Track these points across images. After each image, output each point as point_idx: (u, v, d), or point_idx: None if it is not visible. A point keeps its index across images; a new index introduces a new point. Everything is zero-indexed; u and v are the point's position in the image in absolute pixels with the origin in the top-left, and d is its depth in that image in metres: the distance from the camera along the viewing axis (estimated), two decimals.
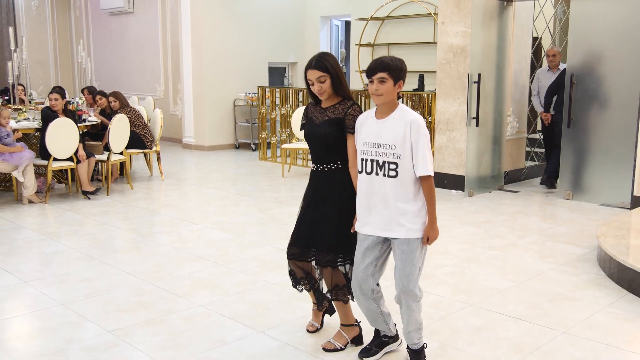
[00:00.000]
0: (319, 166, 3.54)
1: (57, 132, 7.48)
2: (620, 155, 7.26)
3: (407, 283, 3.24)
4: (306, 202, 3.64)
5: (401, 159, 3.17)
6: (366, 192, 3.29)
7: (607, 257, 4.92)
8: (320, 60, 3.43)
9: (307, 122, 3.61)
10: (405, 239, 3.22)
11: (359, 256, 3.36)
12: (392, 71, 3.16)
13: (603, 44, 7.32)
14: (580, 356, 3.56)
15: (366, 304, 3.40)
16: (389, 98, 3.20)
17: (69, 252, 5.61)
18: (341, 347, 3.64)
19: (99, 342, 3.75)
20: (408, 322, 3.35)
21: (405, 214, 3.21)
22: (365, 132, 3.28)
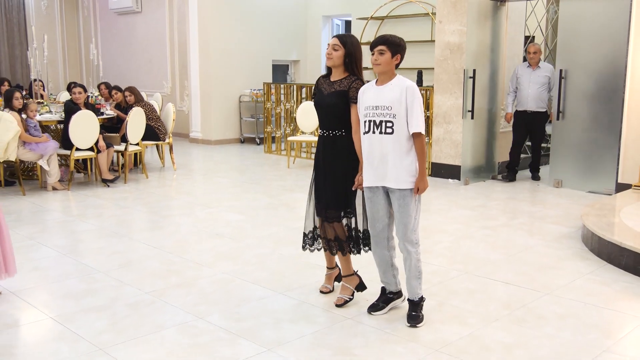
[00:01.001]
0: (325, 132, 4.10)
1: (79, 124, 7.99)
2: (606, 145, 7.78)
3: (405, 230, 3.80)
4: (317, 165, 4.20)
5: (396, 118, 3.71)
6: (368, 150, 3.84)
7: (589, 233, 5.45)
8: (343, 35, 4.04)
9: (317, 92, 4.16)
10: (400, 192, 3.76)
11: (370, 209, 3.91)
12: (390, 45, 3.73)
13: (590, 42, 7.84)
14: (560, 311, 4.10)
15: (380, 252, 3.95)
16: (387, 68, 3.76)
17: (98, 231, 6.13)
18: (350, 298, 4.19)
19: (139, 300, 4.28)
20: (409, 269, 3.88)
21: (400, 166, 3.75)
22: (366, 98, 3.83)
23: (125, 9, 15.03)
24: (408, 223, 3.80)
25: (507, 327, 3.85)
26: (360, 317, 3.98)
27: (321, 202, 4.14)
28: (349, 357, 3.43)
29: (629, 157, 7.38)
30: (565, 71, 8.03)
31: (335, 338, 3.68)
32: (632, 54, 7.26)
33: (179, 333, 3.75)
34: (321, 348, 3.55)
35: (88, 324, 3.87)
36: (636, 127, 7.27)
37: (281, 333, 3.75)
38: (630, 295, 4.45)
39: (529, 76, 8.44)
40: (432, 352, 3.50)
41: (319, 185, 4.16)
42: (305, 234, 4.36)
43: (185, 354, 3.47)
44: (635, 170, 7.28)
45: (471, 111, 8.28)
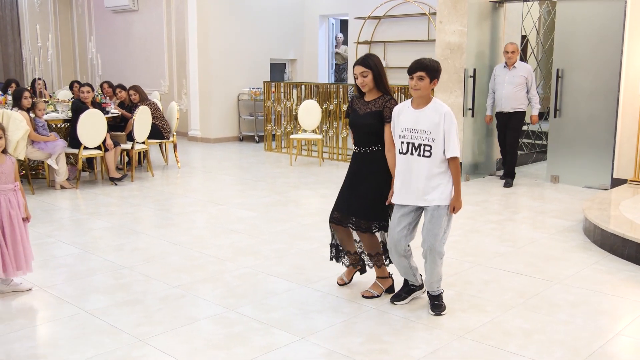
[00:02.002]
0: (361, 149, 4.29)
1: (87, 123, 8.13)
2: (601, 142, 8.04)
3: (434, 241, 3.99)
4: (349, 177, 4.37)
5: (435, 142, 3.91)
6: (404, 169, 4.03)
7: (592, 226, 5.69)
8: (365, 59, 4.21)
9: (352, 112, 4.34)
10: (436, 206, 3.96)
11: (395, 221, 4.10)
12: (429, 71, 3.91)
13: (586, 42, 8.10)
14: (572, 299, 4.33)
15: (399, 260, 4.16)
16: (425, 92, 3.96)
17: (115, 228, 6.29)
18: (378, 295, 4.39)
19: (169, 294, 4.46)
20: (431, 275, 4.09)
21: (436, 186, 3.96)
22: (403, 120, 4.01)
23: (121, 7, 15.12)
24: (437, 234, 3.99)
25: (524, 314, 4.07)
26: (385, 307, 4.19)
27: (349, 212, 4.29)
28: (379, 344, 3.64)
29: (623, 153, 7.65)
30: (561, 70, 8.28)
31: (363, 326, 3.89)
32: (626, 54, 7.52)
33: (213, 324, 3.94)
34: (352, 336, 3.75)
35: (124, 317, 4.05)
36: (630, 125, 7.53)
37: (311, 323, 3.94)
38: (634, 283, 4.70)
39: (505, 76, 8.30)
40: (457, 338, 3.71)
41: (350, 195, 4.31)
42: (332, 244, 4.54)
43: (222, 343, 3.66)
44: (630, 166, 7.55)
45: (471, 109, 8.52)
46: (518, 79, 8.21)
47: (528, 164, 10.05)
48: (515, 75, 8.22)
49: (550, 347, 3.59)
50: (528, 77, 8.24)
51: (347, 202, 4.32)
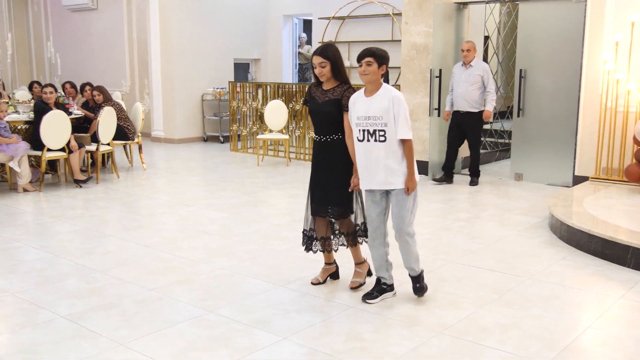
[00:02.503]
0: (322, 137, 4.38)
1: (51, 124, 7.98)
2: (563, 140, 8.24)
3: (402, 223, 4.15)
4: (314, 168, 4.47)
5: (387, 126, 4.05)
6: (364, 156, 4.16)
7: (558, 223, 5.84)
8: (323, 49, 4.31)
9: (311, 101, 4.44)
10: (399, 189, 4.11)
11: (370, 210, 4.25)
12: (377, 57, 4.07)
13: (548, 44, 8.29)
14: (544, 294, 4.45)
15: (378, 248, 4.29)
16: (374, 78, 4.09)
17: (83, 231, 6.20)
18: (363, 282, 4.56)
19: (145, 297, 4.43)
20: (408, 255, 4.24)
21: (396, 170, 4.09)
22: (357, 108, 4.15)
23: (79, 5, 14.86)
24: (404, 217, 4.14)
25: (499, 309, 4.17)
26: (363, 306, 4.24)
27: (322, 202, 4.39)
28: (360, 342, 3.68)
29: (584, 151, 7.85)
30: (524, 71, 8.46)
31: (343, 325, 3.93)
32: (587, 56, 7.71)
33: (193, 326, 3.93)
34: (332, 335, 3.79)
35: (101, 321, 4.01)
36: (591, 124, 7.73)
37: (292, 323, 3.97)
38: (602, 277, 4.84)
39: (461, 75, 8.17)
40: (436, 334, 3.78)
41: (319, 186, 4.40)
42: (304, 232, 4.60)
43: (205, 345, 3.66)
44: (591, 164, 7.75)
45: (437, 109, 8.64)
46: (474, 78, 8.09)
47: (491, 162, 10.23)
48: (471, 74, 8.10)
49: (527, 341, 3.69)
50: (484, 76, 8.11)
51: (320, 193, 4.41)
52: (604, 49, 7.49)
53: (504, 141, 10.97)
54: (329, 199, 4.37)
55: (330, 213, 4.40)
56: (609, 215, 5.88)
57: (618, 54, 7.29)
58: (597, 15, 7.56)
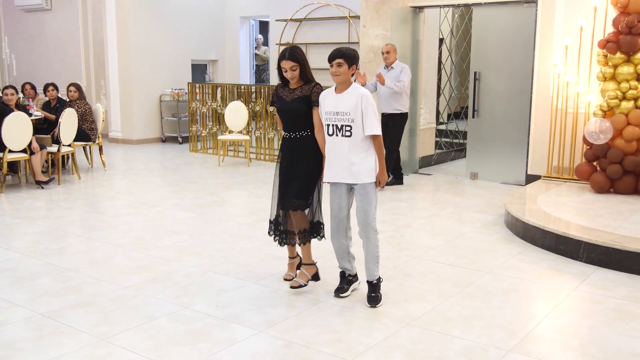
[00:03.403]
0: (291, 134, 4.55)
1: (12, 126, 7.94)
2: (516, 140, 8.60)
3: (366, 217, 4.31)
4: (282, 163, 4.62)
5: (354, 122, 4.24)
6: (331, 150, 4.34)
7: (514, 220, 6.14)
8: (292, 53, 4.45)
9: (278, 100, 4.60)
10: (362, 184, 4.28)
11: (334, 203, 4.40)
12: (347, 57, 4.25)
13: (500, 47, 8.63)
14: (503, 287, 4.71)
15: (339, 241, 4.45)
16: (345, 78, 4.27)
17: (51, 232, 6.23)
18: (304, 284, 4.62)
19: (120, 295, 4.53)
20: (369, 253, 4.39)
21: (360, 163, 4.27)
22: (326, 104, 4.34)
23: (32, 6, 14.68)
24: (369, 211, 4.31)
25: (462, 302, 4.41)
26: (334, 300, 4.43)
27: (287, 196, 4.55)
28: (334, 334, 3.87)
29: (536, 151, 8.21)
30: (478, 73, 8.79)
31: (317, 318, 4.11)
32: (538, 59, 8.07)
33: (171, 321, 4.05)
34: (307, 327, 3.97)
35: (79, 318, 4.10)
36: (542, 124, 8.10)
37: (267, 317, 4.13)
38: (555, 271, 5.14)
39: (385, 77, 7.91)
40: (405, 325, 3.99)
41: (285, 181, 4.57)
42: (271, 221, 4.76)
43: (185, 339, 3.79)
44: (543, 163, 8.12)
45: None
46: (395, 80, 7.93)
47: (447, 161, 10.55)
48: (392, 76, 7.95)
49: (490, 330, 3.93)
50: (400, 74, 7.93)
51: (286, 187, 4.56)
52: (554, 52, 7.86)
53: (459, 141, 11.31)
54: (294, 191, 4.50)
55: (293, 203, 4.51)
56: (561, 212, 6.21)
57: (568, 57, 7.65)
58: (548, 20, 7.93)
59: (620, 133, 6.91)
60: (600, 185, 7.01)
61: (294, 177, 4.53)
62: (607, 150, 6.95)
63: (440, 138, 10.95)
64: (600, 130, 6.90)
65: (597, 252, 5.16)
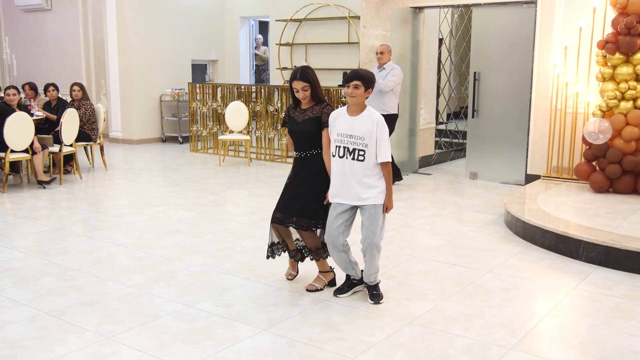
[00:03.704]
0: (301, 153, 4.56)
1: (15, 126, 7.98)
2: (515, 140, 8.65)
3: (373, 237, 4.31)
4: (291, 179, 4.65)
5: (368, 147, 4.23)
6: (340, 171, 4.33)
7: (514, 219, 6.19)
8: (304, 73, 4.45)
9: (290, 121, 4.61)
10: (372, 205, 4.28)
11: (332, 219, 4.38)
12: (365, 80, 4.23)
13: (500, 47, 8.68)
14: (503, 286, 4.76)
15: (338, 255, 4.45)
16: (360, 100, 4.27)
17: (54, 231, 6.27)
18: (320, 288, 4.65)
19: (124, 294, 4.57)
20: (370, 267, 4.42)
21: (370, 187, 4.29)
22: (339, 125, 4.31)
23: (33, 6, 14.71)
24: (375, 231, 4.31)
25: (463, 300, 4.45)
26: (335, 300, 4.47)
27: (289, 212, 4.54)
28: (337, 332, 3.91)
29: (536, 151, 8.26)
30: (478, 73, 8.83)
31: (319, 317, 4.15)
32: (537, 58, 8.12)
33: (175, 320, 4.09)
34: (310, 326, 4.01)
35: (84, 317, 4.14)
36: (542, 124, 8.15)
37: (270, 315, 4.17)
38: (555, 270, 5.18)
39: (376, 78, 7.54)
40: (406, 324, 4.04)
41: (291, 197, 4.57)
42: (270, 245, 4.79)
43: (189, 338, 3.83)
44: (542, 163, 8.17)
45: None
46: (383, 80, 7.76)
47: (446, 161, 10.59)
48: (382, 77, 7.81)
49: (491, 329, 3.98)
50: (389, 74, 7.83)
51: (289, 203, 4.58)
52: (554, 52, 7.91)
53: (458, 141, 11.36)
54: (298, 209, 4.50)
55: (294, 223, 4.53)
56: (561, 211, 6.26)
57: (567, 57, 7.70)
58: (547, 20, 7.98)
59: (619, 133, 6.96)
60: (600, 185, 7.06)
61: (302, 194, 4.53)
62: (606, 150, 7.00)
63: (440, 138, 11.00)
64: (600, 130, 6.95)
65: (597, 252, 5.21)
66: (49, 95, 9.52)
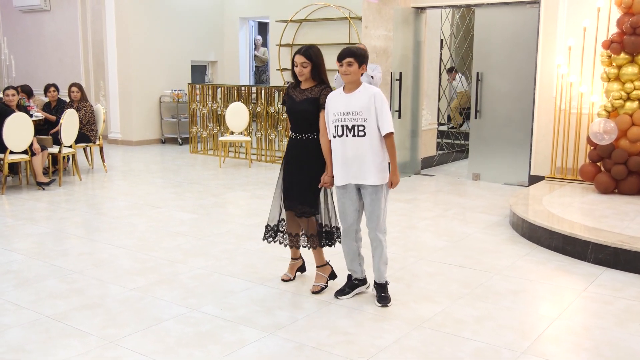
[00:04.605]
0: (297, 135, 4.51)
1: (14, 127, 7.90)
2: (518, 141, 8.58)
3: (378, 220, 4.29)
4: (287, 163, 4.59)
5: (367, 122, 4.17)
6: (340, 152, 4.26)
7: (520, 220, 6.12)
8: (307, 50, 4.40)
9: (289, 99, 4.55)
10: (373, 187, 4.23)
11: (345, 206, 4.33)
12: (357, 57, 4.18)
13: (503, 47, 8.62)
14: (512, 288, 4.69)
15: (349, 243, 4.41)
16: (355, 77, 4.20)
17: (54, 233, 6.19)
18: (325, 285, 4.61)
19: (127, 297, 4.49)
20: (379, 256, 4.35)
21: (372, 165, 4.21)
22: (335, 105, 4.25)
23: (31, 7, 14.61)
24: (379, 214, 4.28)
25: (472, 303, 4.38)
26: (342, 301, 4.40)
27: (292, 199, 4.51)
28: (345, 336, 3.84)
29: (539, 151, 8.20)
30: (481, 74, 8.77)
31: (326, 320, 4.08)
32: (541, 58, 8.06)
33: (179, 323, 4.02)
34: (317, 329, 3.93)
35: (87, 321, 4.06)
36: (545, 125, 8.08)
37: (275, 318, 4.10)
38: (564, 272, 5.12)
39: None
40: (416, 327, 3.96)
41: (290, 182, 4.53)
42: (270, 227, 4.73)
43: (194, 341, 3.76)
44: (545, 164, 8.11)
45: (398, 111, 8.88)
46: (367, 79, 7.53)
47: (448, 162, 10.53)
48: (366, 76, 7.53)
49: (501, 332, 3.91)
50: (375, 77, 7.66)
51: (291, 188, 4.52)
52: (557, 52, 7.85)
53: (460, 142, 11.30)
54: (299, 197, 4.47)
55: (298, 210, 4.50)
56: (567, 212, 6.19)
57: (571, 58, 7.64)
58: (550, 20, 7.92)
59: (624, 134, 6.90)
60: (605, 186, 7.00)
61: (298, 181, 4.48)
62: (612, 151, 6.94)
63: (442, 139, 10.93)
64: (605, 131, 6.89)
65: (605, 253, 5.14)
66: (49, 96, 9.44)
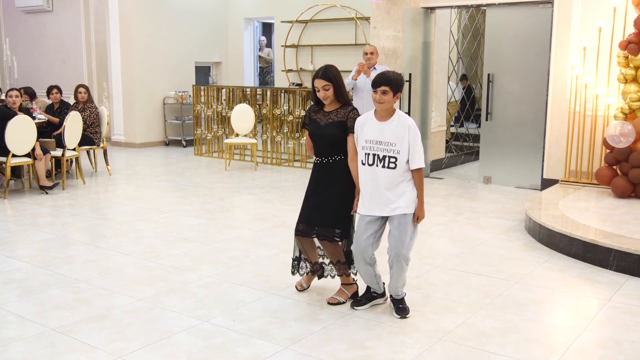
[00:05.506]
0: (323, 159, 4.30)
1: (16, 130, 7.74)
2: (530, 143, 8.42)
3: (401, 248, 4.07)
4: (312, 187, 4.39)
5: (400, 154, 3.98)
6: (368, 180, 4.07)
7: (537, 226, 5.95)
8: (325, 72, 4.18)
9: (311, 123, 4.33)
10: (401, 214, 4.03)
11: (361, 230, 4.13)
12: (393, 86, 3.95)
13: (514, 48, 8.45)
14: (534, 297, 4.52)
15: (365, 268, 4.20)
16: (389, 106, 4.00)
17: (58, 240, 6.03)
18: (343, 301, 4.41)
19: (135, 307, 4.32)
20: (397, 280, 4.17)
21: (401, 196, 4.04)
22: (367, 131, 4.04)
23: (34, 7, 14.46)
24: (404, 242, 4.07)
25: (493, 314, 4.21)
26: (359, 313, 4.23)
27: (312, 222, 4.31)
28: (364, 350, 3.67)
29: (552, 154, 8.03)
30: (492, 75, 8.60)
31: (343, 333, 3.91)
32: (554, 60, 7.90)
33: (191, 336, 3.85)
34: (334, 343, 3.77)
35: (94, 334, 3.90)
36: (559, 127, 7.92)
37: (290, 331, 3.93)
38: (586, 280, 4.95)
39: (365, 81, 7.59)
40: (437, 340, 3.80)
41: (316, 202, 4.32)
42: (294, 259, 4.56)
43: (206, 356, 3.59)
44: (559, 167, 7.94)
45: (408, 113, 8.70)
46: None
47: (457, 165, 10.36)
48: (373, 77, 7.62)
49: (527, 345, 3.74)
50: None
51: (310, 213, 4.33)
52: (571, 53, 7.69)
53: (469, 144, 11.13)
54: (321, 218, 4.27)
55: (316, 233, 4.31)
56: (585, 217, 6.02)
57: (586, 58, 7.47)
58: (564, 21, 7.75)
59: None
60: (622, 190, 6.83)
61: (323, 202, 4.28)
62: (629, 154, 6.77)
63: (451, 141, 10.77)
64: (622, 134, 6.72)
65: (629, 261, 4.97)
66: (52, 98, 9.28)
